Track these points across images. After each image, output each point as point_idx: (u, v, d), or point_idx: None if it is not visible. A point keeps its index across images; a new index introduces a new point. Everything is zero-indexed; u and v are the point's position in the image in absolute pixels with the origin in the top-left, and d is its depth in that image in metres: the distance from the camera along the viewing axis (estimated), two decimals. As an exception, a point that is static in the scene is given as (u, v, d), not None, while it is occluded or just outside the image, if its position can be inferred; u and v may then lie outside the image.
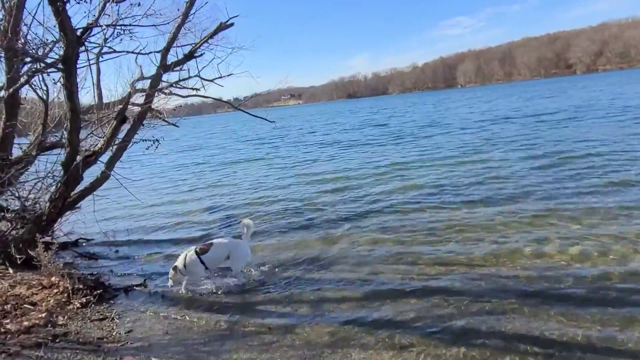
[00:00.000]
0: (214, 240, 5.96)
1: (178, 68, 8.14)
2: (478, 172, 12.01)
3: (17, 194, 7.18)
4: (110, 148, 6.27)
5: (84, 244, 8.80)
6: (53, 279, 6.06)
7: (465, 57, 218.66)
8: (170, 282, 5.81)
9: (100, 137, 6.79)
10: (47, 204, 5.60)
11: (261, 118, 9.31)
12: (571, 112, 25.92)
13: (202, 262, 5.70)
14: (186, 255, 5.75)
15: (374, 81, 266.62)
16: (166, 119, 9.11)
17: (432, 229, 7.56)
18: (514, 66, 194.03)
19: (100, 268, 7.21)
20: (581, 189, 9.09)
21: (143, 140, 6.98)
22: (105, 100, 8.57)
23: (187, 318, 5.14)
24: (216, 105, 9.92)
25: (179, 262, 5.73)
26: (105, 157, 6.34)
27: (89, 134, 6.70)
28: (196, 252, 5.75)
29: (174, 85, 8.63)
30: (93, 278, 6.41)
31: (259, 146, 28.65)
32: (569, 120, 22.02)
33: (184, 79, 8.52)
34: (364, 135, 27.61)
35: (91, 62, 8.49)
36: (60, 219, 6.72)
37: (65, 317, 5.22)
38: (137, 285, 6.24)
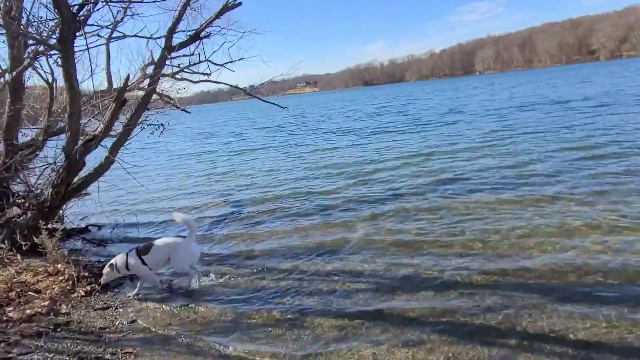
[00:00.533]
0: (156, 241, 5.50)
1: (188, 53, 7.99)
2: (505, 161, 11.47)
3: (26, 180, 7.12)
4: (115, 133, 6.09)
5: (95, 229, 8.75)
6: (59, 266, 5.97)
7: (483, 44, 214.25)
8: (103, 279, 5.44)
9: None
10: (50, 190, 5.47)
11: (272, 104, 9.24)
12: (601, 99, 24.72)
13: (144, 263, 5.30)
14: (127, 254, 5.36)
15: (391, 68, 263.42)
16: (176, 104, 8.98)
17: (455, 220, 7.23)
18: (534, 52, 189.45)
19: (109, 255, 7.11)
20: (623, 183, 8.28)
21: (147, 125, 6.80)
22: (115, 86, 8.46)
23: (192, 309, 4.97)
24: (232, 93, 10.00)
25: (118, 261, 5.33)
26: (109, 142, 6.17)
27: (88, 119, 6.55)
28: (137, 252, 5.33)
29: (184, 70, 8.49)
30: (100, 265, 6.30)
31: (275, 134, 28.44)
32: (599, 108, 20.90)
33: (193, 64, 8.37)
34: (384, 123, 27.09)
35: (100, 46, 8.37)
36: (65, 205, 6.61)
37: (69, 306, 5.11)
38: (143, 274, 6.09)
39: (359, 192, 9.81)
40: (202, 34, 6.63)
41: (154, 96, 8.14)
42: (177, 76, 8.64)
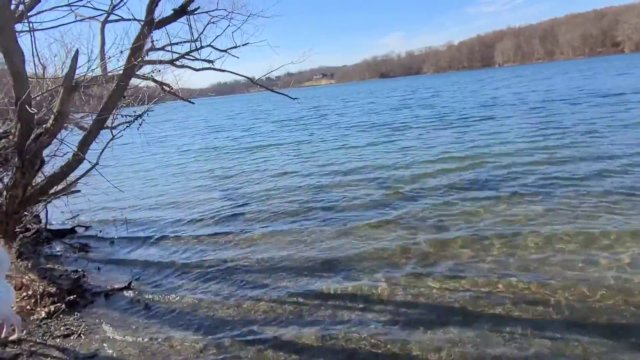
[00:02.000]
0: None
1: (190, 38, 7.18)
2: (552, 161, 9.89)
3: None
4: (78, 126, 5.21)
5: (82, 230, 7.98)
6: (24, 279, 5.15)
7: (503, 35, 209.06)
8: None
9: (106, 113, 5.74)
10: (4, 194, 4.64)
11: (282, 94, 8.19)
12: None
13: None
14: None
15: (408, 60, 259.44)
16: (177, 94, 8.17)
17: (475, 233, 6.19)
18: (556, 44, 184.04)
19: (88, 263, 6.28)
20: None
21: (123, 117, 5.90)
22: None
23: (169, 337, 4.09)
24: (248, 85, 9.16)
25: None
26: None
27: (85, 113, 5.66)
28: None
29: (184, 56, 7.69)
30: (74, 278, 5.47)
31: (289, 128, 27.38)
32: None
33: (194, 50, 7.55)
34: (410, 118, 25.49)
35: (95, 30, 7.46)
36: (28, 210, 5.77)
37: (24, 332, 4.27)
38: (120, 289, 5.25)
39: (382, 197, 8.63)
40: (190, 7, 5.65)
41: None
42: (177, 63, 7.80)
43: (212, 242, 6.91)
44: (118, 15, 7.52)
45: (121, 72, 5.57)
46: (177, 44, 7.30)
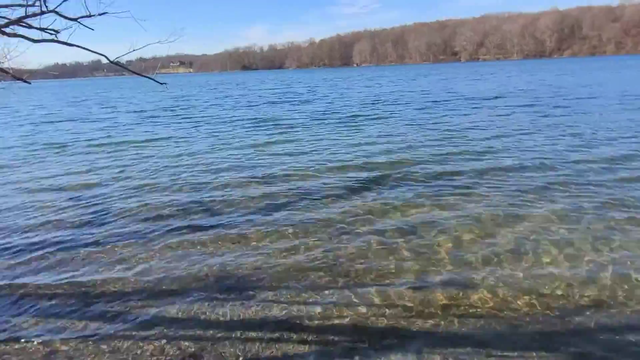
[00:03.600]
0: None
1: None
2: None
3: None
4: None
5: None
6: None
7: (361, 37, 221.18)
8: None
9: None
10: None
11: (149, 78, 6.60)
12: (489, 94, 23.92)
13: None
14: None
15: (271, 54, 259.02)
16: (8, 71, 5.95)
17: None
18: (406, 50, 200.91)
19: None
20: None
21: None
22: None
23: None
24: (93, 68, 6.54)
25: None
26: None
27: None
28: None
29: (18, 22, 5.69)
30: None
31: (153, 121, 22.62)
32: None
33: (32, 15, 5.61)
34: (296, 113, 23.06)
35: None
36: None
37: None
38: None
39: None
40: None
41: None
42: (6, 30, 5.80)
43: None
44: None
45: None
46: (7, 6, 5.73)
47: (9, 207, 7.94)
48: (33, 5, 5.56)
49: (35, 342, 3.92)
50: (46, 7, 5.49)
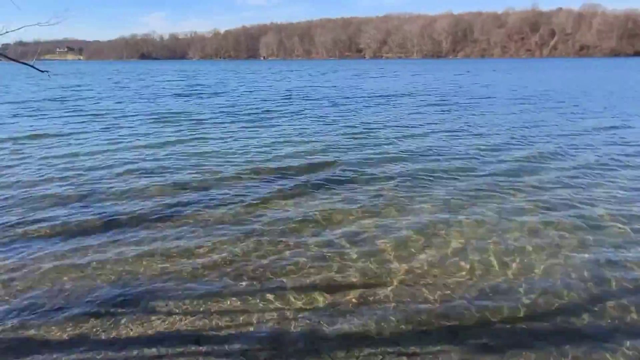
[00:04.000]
0: None
1: None
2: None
3: None
4: None
5: None
6: None
7: (268, 30, 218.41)
8: None
9: None
10: None
11: (26, 64, 5.59)
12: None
13: None
14: None
15: (172, 43, 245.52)
16: None
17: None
18: (313, 45, 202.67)
19: None
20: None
21: None
22: None
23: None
24: None
25: None
26: None
27: None
28: None
29: None
30: None
31: (36, 115, 19.77)
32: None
33: None
34: (206, 108, 21.52)
35: None
36: None
37: None
38: None
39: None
40: None
41: None
42: None
43: None
44: None
45: None
46: None
47: None
48: None
49: None
50: None
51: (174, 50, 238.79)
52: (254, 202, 7.21)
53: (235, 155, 10.52)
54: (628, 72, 50.61)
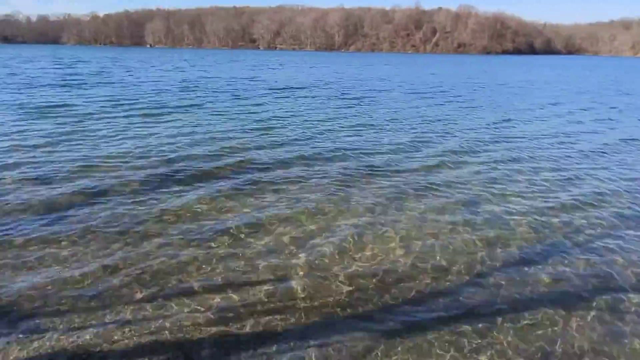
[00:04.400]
0: None
1: None
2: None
3: None
4: None
5: None
6: None
7: (154, 15, 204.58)
8: None
9: None
10: None
11: None
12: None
13: None
14: None
15: (42, 25, 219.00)
16: None
17: None
18: (204, 33, 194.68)
19: None
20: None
21: None
22: None
23: None
24: None
25: None
26: None
27: None
28: None
29: None
30: None
31: None
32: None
33: None
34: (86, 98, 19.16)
35: None
36: None
37: None
38: None
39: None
40: None
41: None
42: None
43: None
44: None
45: None
46: None
47: None
48: None
49: None
50: None
51: (45, 33, 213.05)
52: (153, 203, 6.76)
53: (131, 155, 9.41)
54: (498, 68, 56.36)
